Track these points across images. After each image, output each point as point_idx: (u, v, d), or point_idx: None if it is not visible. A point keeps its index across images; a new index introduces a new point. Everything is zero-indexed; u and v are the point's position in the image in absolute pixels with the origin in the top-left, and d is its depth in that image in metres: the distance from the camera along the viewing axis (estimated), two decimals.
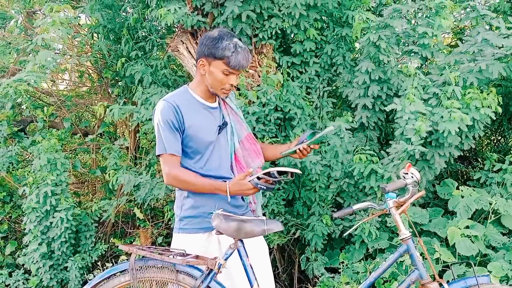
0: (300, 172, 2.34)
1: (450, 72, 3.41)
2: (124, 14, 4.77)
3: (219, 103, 2.53)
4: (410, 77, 3.51)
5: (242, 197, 2.51)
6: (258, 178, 2.30)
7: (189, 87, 2.50)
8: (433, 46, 3.69)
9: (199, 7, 3.94)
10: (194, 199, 2.44)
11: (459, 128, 3.26)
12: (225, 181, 2.37)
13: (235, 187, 2.34)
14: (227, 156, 2.48)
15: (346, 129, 3.68)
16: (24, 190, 4.33)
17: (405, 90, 3.45)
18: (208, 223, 2.39)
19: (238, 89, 3.85)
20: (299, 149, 2.46)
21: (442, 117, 3.29)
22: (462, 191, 3.72)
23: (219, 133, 2.46)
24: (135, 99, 4.30)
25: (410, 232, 2.29)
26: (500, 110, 3.42)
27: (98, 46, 4.76)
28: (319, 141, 2.41)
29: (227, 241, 2.36)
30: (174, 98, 2.42)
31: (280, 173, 2.30)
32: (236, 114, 2.58)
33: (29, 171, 4.43)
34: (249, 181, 2.32)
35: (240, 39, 2.44)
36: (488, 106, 3.37)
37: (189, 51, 4.09)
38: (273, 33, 3.98)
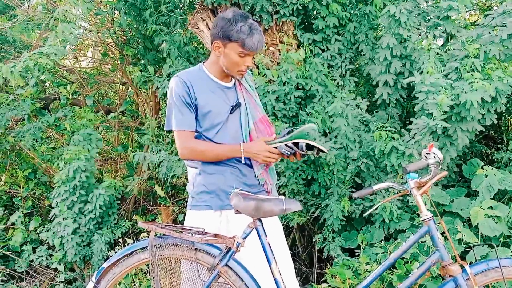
0: (327, 151, 2.31)
1: (469, 44, 3.33)
2: None
3: (234, 83, 2.52)
4: (428, 51, 3.44)
5: (256, 177, 2.49)
6: (286, 145, 2.29)
7: (204, 65, 2.50)
8: (457, 21, 3.61)
9: None
10: (205, 177, 2.45)
11: (482, 99, 3.19)
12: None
13: (251, 148, 2.35)
14: (238, 137, 2.46)
15: (357, 106, 3.64)
16: (58, 165, 4.41)
17: (423, 63, 3.38)
18: (219, 201, 2.41)
19: (258, 67, 3.81)
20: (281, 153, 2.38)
21: (463, 89, 3.21)
22: (486, 170, 3.65)
23: (231, 113, 2.45)
24: (161, 71, 4.31)
25: (431, 212, 2.26)
26: None
27: (119, 22, 4.76)
28: (298, 137, 2.31)
29: (236, 221, 2.38)
30: (187, 75, 2.43)
31: (308, 147, 2.28)
32: (251, 95, 2.56)
33: (53, 148, 4.49)
34: (275, 147, 2.31)
35: (254, 20, 2.41)
36: (511, 76, 3.28)
37: (209, 29, 4.05)
38: (295, 9, 3.92)
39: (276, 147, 2.32)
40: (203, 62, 2.53)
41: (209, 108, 2.40)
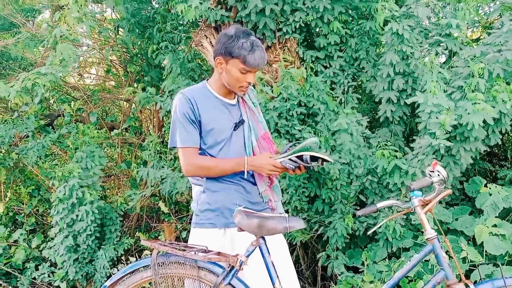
0: (332, 160, 2.30)
1: (475, 63, 3.33)
2: (150, 7, 4.79)
3: (238, 100, 2.52)
4: (431, 69, 3.45)
5: (260, 194, 2.49)
6: (290, 159, 2.29)
7: (208, 83, 2.50)
8: (459, 38, 3.62)
9: (222, 1, 3.93)
10: (209, 194, 2.45)
11: (484, 121, 3.19)
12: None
13: (254, 162, 2.35)
14: (241, 153, 2.46)
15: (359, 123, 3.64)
16: (53, 183, 4.40)
17: (426, 82, 3.39)
18: (223, 219, 2.40)
19: (255, 85, 3.82)
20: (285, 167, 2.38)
21: (466, 110, 3.21)
22: (490, 188, 3.63)
23: (234, 130, 2.45)
24: (163, 89, 4.33)
25: (435, 231, 2.24)
26: None
27: (123, 40, 4.79)
28: (302, 151, 2.30)
29: (240, 239, 2.36)
30: (191, 92, 2.44)
31: (312, 159, 2.28)
32: (253, 111, 2.56)
33: (57, 164, 4.50)
34: (279, 161, 2.31)
35: (257, 37, 2.42)
36: None
37: (212, 46, 4.08)
38: (297, 27, 3.95)
39: (280, 162, 2.32)
40: (207, 80, 2.53)
41: (213, 125, 2.40)
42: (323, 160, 2.28)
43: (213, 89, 2.47)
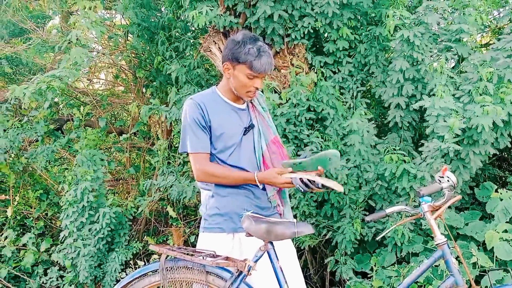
0: (342, 190, 2.29)
1: (483, 67, 3.32)
2: (158, 14, 4.82)
3: (247, 105, 2.53)
4: (440, 74, 3.43)
5: (268, 199, 2.49)
6: (301, 180, 2.26)
7: (217, 88, 2.51)
8: (469, 44, 3.61)
9: (231, 7, 3.94)
10: (218, 199, 2.45)
11: (493, 123, 3.17)
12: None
13: (265, 176, 2.35)
14: (252, 158, 2.46)
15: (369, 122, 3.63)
16: (62, 187, 4.43)
17: (435, 86, 3.38)
18: (232, 223, 2.41)
19: (263, 91, 3.83)
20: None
21: (475, 112, 3.20)
22: (501, 193, 3.61)
23: (244, 135, 2.45)
24: (168, 100, 4.34)
25: (445, 236, 2.23)
26: None
27: (132, 45, 4.82)
28: (320, 161, 2.25)
29: (249, 244, 2.36)
30: (201, 97, 2.45)
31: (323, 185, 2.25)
32: (263, 116, 2.56)
33: (66, 168, 4.53)
34: (291, 178, 2.29)
35: (265, 43, 2.42)
36: None
37: (221, 51, 4.09)
38: (306, 32, 3.95)
39: (291, 179, 2.29)
40: (216, 85, 2.55)
41: (223, 130, 2.41)
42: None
43: (222, 94, 2.48)
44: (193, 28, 4.90)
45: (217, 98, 2.47)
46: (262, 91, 3.67)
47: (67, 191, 4.33)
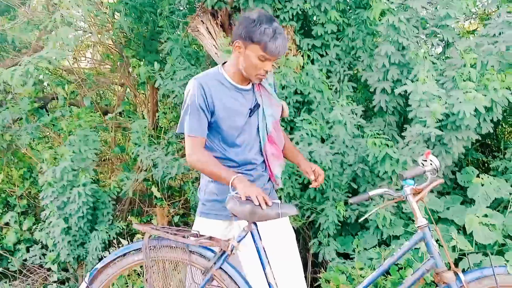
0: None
1: (467, 53, 3.34)
2: None
3: (252, 85, 2.47)
4: (424, 59, 3.45)
5: (269, 179, 2.54)
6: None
7: (223, 68, 2.44)
8: (455, 30, 3.62)
9: None
10: (217, 185, 2.44)
11: (476, 110, 3.20)
12: (241, 173, 2.37)
13: (241, 185, 2.22)
14: (256, 139, 2.46)
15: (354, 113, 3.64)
16: (41, 167, 4.38)
17: (417, 72, 3.40)
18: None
19: None
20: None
21: (458, 98, 3.23)
22: (482, 179, 3.66)
23: (250, 116, 2.42)
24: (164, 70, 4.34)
25: (426, 219, 2.26)
26: None
27: (119, 24, 4.76)
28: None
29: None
30: (205, 78, 2.38)
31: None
32: (270, 94, 2.50)
33: (50, 147, 4.48)
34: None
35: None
36: (507, 88, 3.29)
37: (209, 32, 4.06)
38: (294, 14, 3.93)
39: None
40: (222, 64, 2.47)
41: (227, 112, 2.37)
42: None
43: (228, 74, 2.41)
44: (181, 9, 4.84)
45: (221, 78, 2.41)
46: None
47: (45, 172, 4.27)
